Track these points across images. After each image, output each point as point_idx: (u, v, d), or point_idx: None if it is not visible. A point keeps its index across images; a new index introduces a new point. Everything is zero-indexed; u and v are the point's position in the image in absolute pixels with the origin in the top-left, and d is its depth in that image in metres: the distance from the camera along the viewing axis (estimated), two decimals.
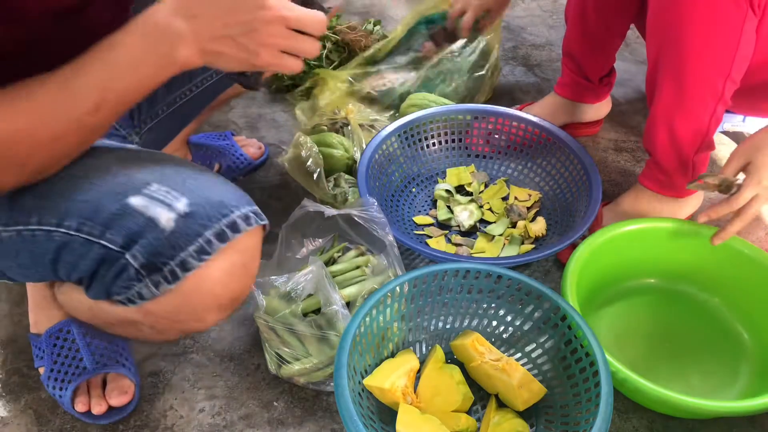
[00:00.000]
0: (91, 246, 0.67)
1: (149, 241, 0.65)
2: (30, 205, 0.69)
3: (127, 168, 0.71)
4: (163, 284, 0.67)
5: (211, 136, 1.32)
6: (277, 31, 0.64)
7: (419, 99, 1.34)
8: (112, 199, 0.67)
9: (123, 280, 0.67)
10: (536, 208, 1.19)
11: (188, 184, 0.69)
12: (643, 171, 1.11)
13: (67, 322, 0.91)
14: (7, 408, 0.90)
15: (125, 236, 0.66)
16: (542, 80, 1.62)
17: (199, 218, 0.66)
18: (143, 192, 0.67)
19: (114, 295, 0.69)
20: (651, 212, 1.11)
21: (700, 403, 0.79)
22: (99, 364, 0.89)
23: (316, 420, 0.89)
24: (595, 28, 1.20)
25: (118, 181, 0.69)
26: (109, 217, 0.66)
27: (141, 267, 0.66)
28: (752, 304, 0.97)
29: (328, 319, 0.85)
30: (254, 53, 0.64)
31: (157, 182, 0.68)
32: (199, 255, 0.66)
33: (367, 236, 0.98)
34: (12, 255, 0.72)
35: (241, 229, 0.68)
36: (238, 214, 0.69)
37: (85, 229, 0.67)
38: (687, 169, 1.05)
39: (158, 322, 0.72)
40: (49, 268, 0.71)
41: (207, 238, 0.66)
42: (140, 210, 0.66)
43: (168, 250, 0.65)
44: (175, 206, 0.66)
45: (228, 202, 0.69)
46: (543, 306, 0.87)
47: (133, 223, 0.66)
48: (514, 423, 0.82)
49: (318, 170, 1.16)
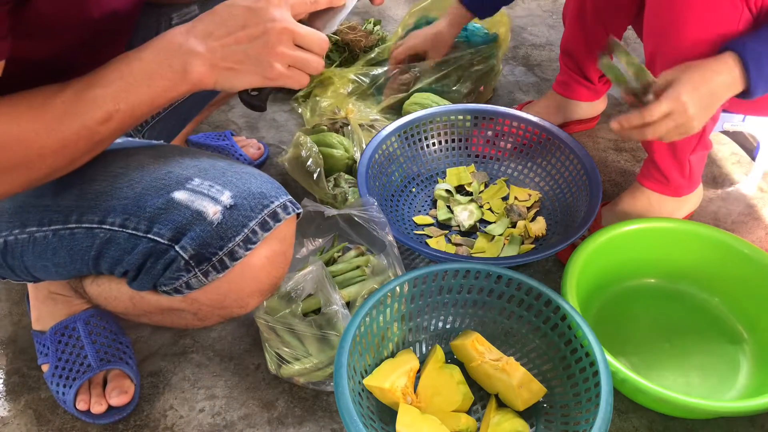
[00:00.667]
0: (137, 240, 0.70)
1: (198, 233, 0.69)
2: (66, 206, 0.73)
3: (164, 164, 0.75)
4: (212, 273, 0.71)
5: (210, 136, 1.32)
6: (287, 44, 0.66)
7: (422, 98, 1.34)
8: (155, 195, 0.71)
9: (172, 271, 0.71)
10: (536, 208, 1.18)
11: (228, 176, 0.73)
12: (641, 170, 1.12)
13: (73, 319, 0.92)
14: (7, 408, 0.90)
15: (173, 229, 0.69)
16: (542, 80, 1.62)
17: (243, 210, 0.71)
18: (186, 186, 0.71)
19: (161, 286, 0.73)
20: (650, 211, 1.11)
21: (700, 403, 0.79)
22: (103, 361, 0.89)
23: (316, 420, 0.89)
24: (594, 28, 1.20)
25: (157, 177, 0.72)
26: (155, 211, 0.70)
27: (190, 258, 0.70)
28: (752, 303, 0.97)
29: (328, 319, 0.85)
30: (267, 65, 0.66)
31: (198, 177, 0.72)
32: (246, 244, 0.71)
33: (367, 236, 0.98)
34: (48, 254, 0.75)
35: (281, 218, 0.73)
36: (278, 203, 0.73)
37: (130, 225, 0.70)
38: (684, 168, 1.05)
39: (201, 310, 0.77)
40: (89, 264, 0.74)
41: (252, 228, 0.71)
42: (186, 204, 0.70)
43: (217, 241, 0.69)
44: (220, 199, 0.70)
45: (267, 193, 0.73)
46: (543, 306, 0.87)
47: (180, 217, 0.69)
48: (514, 423, 0.82)
49: (318, 170, 1.16)
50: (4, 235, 0.76)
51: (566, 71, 1.32)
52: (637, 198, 1.12)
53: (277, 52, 0.65)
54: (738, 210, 1.25)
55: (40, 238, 0.74)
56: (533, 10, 1.91)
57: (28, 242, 0.75)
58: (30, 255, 0.76)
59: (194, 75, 0.65)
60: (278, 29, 0.65)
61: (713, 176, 1.32)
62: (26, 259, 0.76)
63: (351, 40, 1.55)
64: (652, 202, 1.11)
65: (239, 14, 0.65)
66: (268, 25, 0.64)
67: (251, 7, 0.65)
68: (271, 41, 0.65)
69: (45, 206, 0.74)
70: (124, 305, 0.80)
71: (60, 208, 0.73)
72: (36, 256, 0.76)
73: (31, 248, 0.75)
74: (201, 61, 0.64)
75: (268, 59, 0.65)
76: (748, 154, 1.39)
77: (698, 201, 1.16)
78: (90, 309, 0.93)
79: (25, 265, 0.77)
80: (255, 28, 0.65)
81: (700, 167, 1.08)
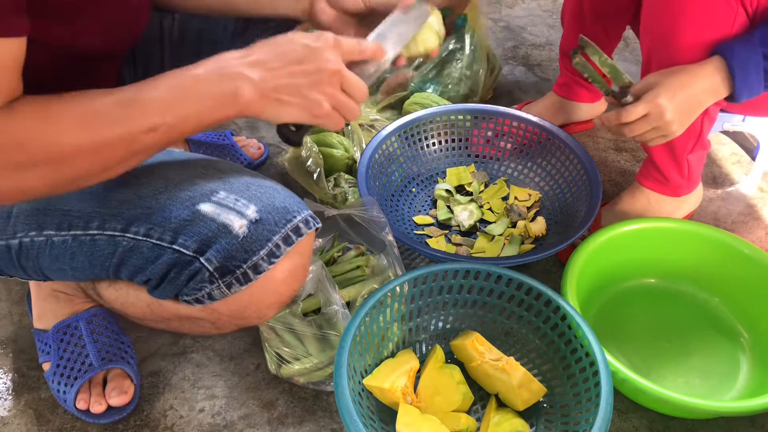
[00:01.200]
0: (162, 251, 0.71)
1: (223, 246, 0.70)
2: (88, 212, 0.73)
3: (188, 175, 0.75)
4: (235, 286, 0.72)
5: (210, 135, 1.31)
6: (336, 86, 0.68)
7: (422, 98, 1.34)
8: (181, 206, 0.71)
9: (196, 282, 0.72)
10: (536, 208, 1.18)
11: (252, 190, 0.74)
12: (641, 170, 1.12)
13: (75, 318, 0.92)
14: (7, 407, 0.90)
15: (198, 241, 0.70)
16: (542, 80, 1.62)
17: (268, 224, 0.71)
18: (212, 199, 0.72)
19: (183, 296, 0.74)
20: (649, 211, 1.11)
21: (700, 403, 0.79)
22: (104, 360, 0.89)
23: (316, 420, 0.89)
24: (593, 31, 1.19)
25: (182, 188, 0.73)
26: (180, 223, 0.71)
27: (215, 270, 0.71)
28: (752, 303, 0.97)
29: (328, 319, 0.85)
30: (316, 103, 0.67)
31: (224, 190, 0.73)
32: (269, 258, 0.71)
33: (367, 236, 0.98)
34: (66, 258, 0.75)
35: (303, 233, 0.74)
36: (300, 218, 0.74)
37: (154, 235, 0.71)
38: (682, 168, 1.06)
39: (221, 319, 0.77)
40: (109, 270, 0.75)
41: (276, 242, 0.72)
42: (212, 216, 0.71)
43: (242, 254, 0.70)
44: (245, 213, 0.71)
45: (290, 208, 0.74)
46: (543, 306, 0.88)
47: (206, 229, 0.70)
48: (514, 423, 0.82)
49: (318, 170, 1.16)
50: (20, 237, 0.75)
51: (566, 73, 1.32)
52: (637, 198, 1.12)
53: (326, 92, 0.67)
54: (738, 210, 1.25)
55: (59, 242, 0.74)
56: (533, 10, 1.91)
57: (45, 245, 0.75)
58: (46, 258, 0.76)
59: (243, 100, 0.65)
60: (331, 70, 0.67)
61: (713, 176, 1.32)
62: (42, 261, 0.76)
63: None
64: (652, 201, 1.11)
65: (297, 50, 0.67)
66: (322, 64, 0.67)
67: (309, 46, 0.67)
68: (324, 80, 0.67)
69: (64, 210, 0.73)
70: (142, 311, 0.81)
71: (80, 214, 0.73)
72: (53, 259, 0.76)
73: (48, 251, 0.75)
74: (252, 88, 0.65)
75: (318, 97, 0.67)
76: (748, 154, 1.39)
77: (698, 201, 1.16)
78: (92, 308, 0.93)
79: (41, 266, 0.77)
80: (310, 65, 0.66)
81: (699, 167, 1.08)
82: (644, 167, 1.10)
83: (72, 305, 0.93)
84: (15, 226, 0.75)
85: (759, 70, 0.86)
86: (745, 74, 0.87)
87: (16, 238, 0.76)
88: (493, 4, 1.92)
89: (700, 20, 0.87)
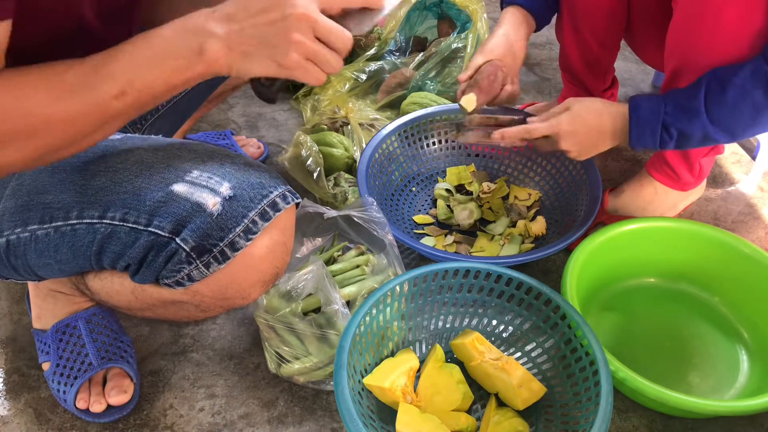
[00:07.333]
0: (138, 234, 0.71)
1: (198, 225, 0.70)
2: (68, 201, 0.73)
3: (163, 157, 0.75)
4: (213, 265, 0.72)
5: (210, 135, 1.32)
6: (306, 32, 0.63)
7: (420, 97, 1.34)
8: (155, 188, 0.71)
9: (173, 264, 0.71)
10: (536, 208, 1.18)
11: (226, 168, 0.73)
12: (651, 159, 1.12)
13: (74, 317, 0.92)
14: (7, 407, 0.90)
15: (173, 222, 0.70)
16: (542, 79, 1.61)
17: (242, 200, 0.71)
18: (185, 179, 0.71)
19: (163, 278, 0.74)
20: (654, 200, 1.12)
21: (700, 403, 0.79)
22: (104, 360, 0.89)
23: (316, 419, 0.89)
24: (591, 46, 1.19)
25: (156, 170, 0.73)
26: (155, 204, 0.70)
27: (191, 250, 0.70)
28: (752, 303, 0.97)
29: (328, 318, 0.85)
30: (283, 52, 0.63)
31: (197, 169, 0.73)
32: (246, 235, 0.71)
33: (367, 235, 0.98)
34: (50, 251, 0.75)
35: (281, 208, 0.73)
36: (277, 193, 0.73)
37: (130, 219, 0.71)
38: (693, 169, 1.08)
39: (204, 301, 0.77)
40: (92, 260, 0.75)
41: (252, 218, 0.71)
42: (185, 196, 0.70)
43: (217, 232, 0.70)
44: (219, 190, 0.71)
45: (266, 183, 0.73)
46: (542, 305, 0.88)
47: (180, 209, 0.70)
48: (514, 422, 0.82)
49: (318, 169, 1.16)
50: (6, 235, 0.76)
51: (569, 86, 1.32)
52: (644, 186, 1.13)
53: (294, 39, 0.63)
54: (738, 209, 1.25)
55: (42, 235, 0.74)
56: None
57: (30, 240, 0.75)
58: (33, 253, 0.76)
59: (210, 55, 0.63)
60: (297, 15, 0.62)
61: (713, 176, 1.32)
62: (29, 257, 0.77)
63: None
64: (659, 191, 1.12)
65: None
66: (288, 10, 0.62)
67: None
68: (289, 27, 0.62)
69: (45, 203, 0.74)
70: (127, 299, 0.81)
71: (61, 205, 0.73)
72: (38, 254, 0.76)
73: (34, 246, 0.75)
74: (218, 43, 0.63)
75: (284, 46, 0.63)
76: (748, 154, 1.39)
77: (701, 192, 1.18)
78: (91, 307, 0.93)
79: (29, 263, 0.78)
80: (275, 12, 0.63)
81: (709, 166, 1.11)
82: (655, 159, 1.12)
83: (71, 305, 0.93)
84: (1, 225, 0.75)
85: (655, 134, 0.91)
86: (641, 134, 0.92)
87: (3, 237, 0.76)
88: (495, 4, 1.91)
89: (737, 29, 0.84)
